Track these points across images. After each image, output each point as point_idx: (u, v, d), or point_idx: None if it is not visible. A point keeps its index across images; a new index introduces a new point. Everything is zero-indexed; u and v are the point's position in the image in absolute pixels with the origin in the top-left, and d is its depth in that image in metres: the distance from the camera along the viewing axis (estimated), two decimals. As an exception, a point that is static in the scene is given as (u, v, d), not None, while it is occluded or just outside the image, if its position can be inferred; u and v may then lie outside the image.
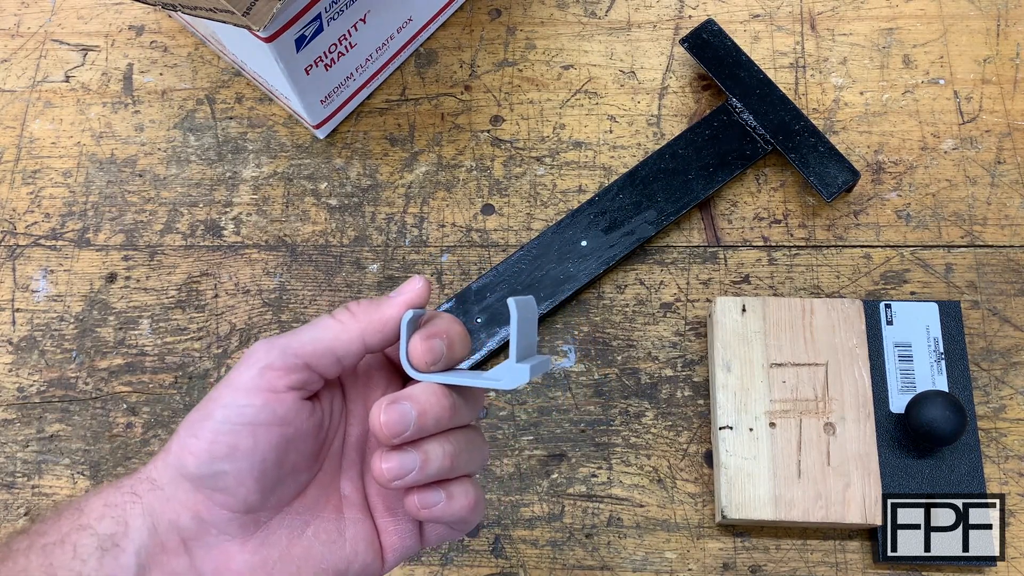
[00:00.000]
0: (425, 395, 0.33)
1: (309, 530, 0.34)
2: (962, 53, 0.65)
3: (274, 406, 0.32)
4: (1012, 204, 0.61)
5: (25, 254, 0.64)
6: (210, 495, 0.32)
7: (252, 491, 0.32)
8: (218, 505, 0.32)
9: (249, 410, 0.32)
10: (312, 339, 0.33)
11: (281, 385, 0.32)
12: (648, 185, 0.61)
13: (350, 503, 0.36)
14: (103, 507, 0.32)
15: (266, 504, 0.33)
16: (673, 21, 0.68)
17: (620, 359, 0.59)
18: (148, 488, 0.33)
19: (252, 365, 0.32)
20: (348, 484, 0.36)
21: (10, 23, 0.71)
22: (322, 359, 0.33)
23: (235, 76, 0.68)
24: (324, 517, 0.35)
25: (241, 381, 0.32)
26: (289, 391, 0.33)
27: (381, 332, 0.34)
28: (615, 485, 0.56)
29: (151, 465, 0.33)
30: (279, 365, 0.32)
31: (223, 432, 0.32)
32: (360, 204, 0.64)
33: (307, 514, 0.35)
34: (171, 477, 0.32)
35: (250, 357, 0.33)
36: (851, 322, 0.55)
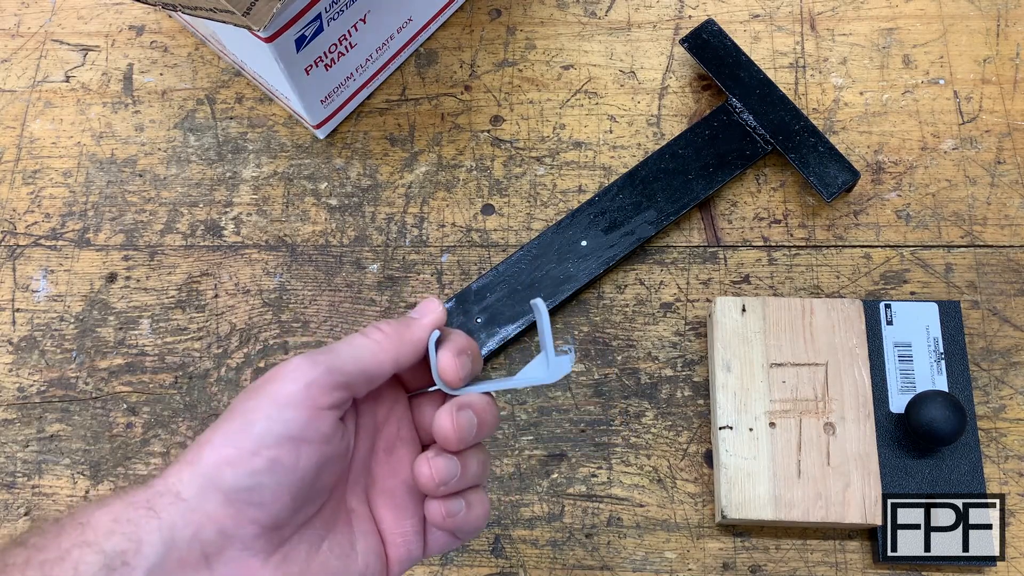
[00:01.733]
0: (482, 404, 0.35)
1: (325, 544, 0.34)
2: (962, 53, 0.65)
3: (318, 423, 0.32)
4: (1012, 204, 0.61)
5: (25, 254, 0.64)
6: (242, 509, 0.31)
7: (286, 507, 0.32)
8: (248, 520, 0.31)
9: (295, 424, 0.31)
10: (353, 358, 0.33)
11: (325, 402, 0.32)
12: (648, 185, 0.61)
13: (358, 516, 0.36)
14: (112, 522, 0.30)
15: (293, 520, 0.33)
16: (673, 21, 0.68)
17: (620, 359, 0.59)
18: (169, 501, 0.31)
19: (296, 379, 0.32)
20: (354, 498, 0.37)
21: (10, 23, 0.71)
22: (360, 380, 0.34)
23: (235, 76, 0.68)
24: (338, 531, 0.35)
25: (284, 394, 0.32)
26: (331, 409, 0.32)
27: (413, 353, 0.35)
28: (615, 485, 0.56)
29: (172, 477, 0.32)
30: (324, 382, 0.32)
31: (267, 445, 0.31)
32: (360, 204, 0.64)
33: (323, 529, 0.35)
34: (200, 488, 0.31)
35: (293, 372, 0.32)
36: (851, 322, 0.55)
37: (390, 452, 0.37)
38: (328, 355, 0.33)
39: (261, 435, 0.31)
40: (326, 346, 0.34)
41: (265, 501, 0.31)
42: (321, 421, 0.32)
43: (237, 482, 0.31)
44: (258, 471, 0.31)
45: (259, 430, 0.31)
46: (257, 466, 0.31)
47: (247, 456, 0.31)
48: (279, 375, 0.33)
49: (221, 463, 0.31)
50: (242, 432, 0.31)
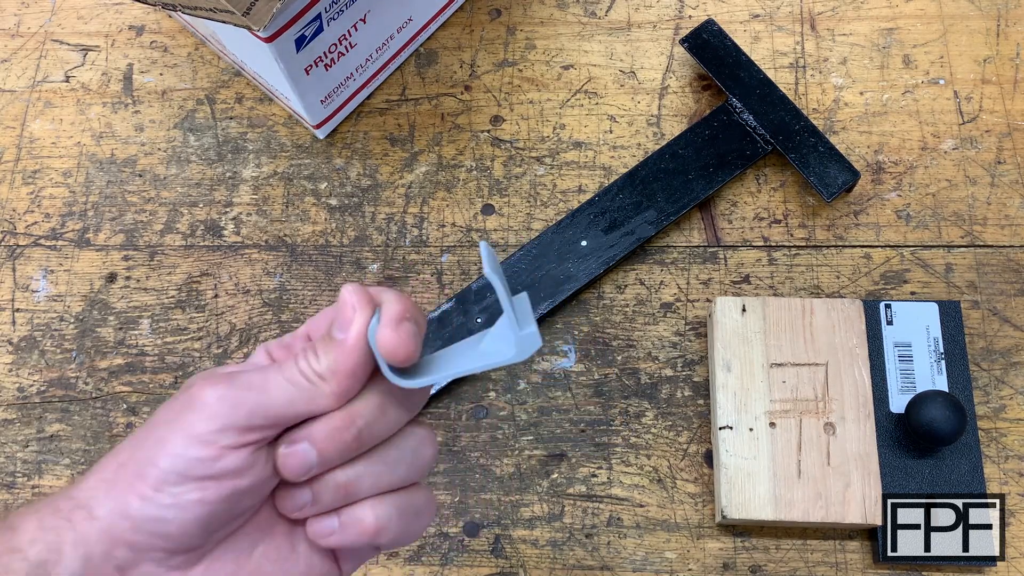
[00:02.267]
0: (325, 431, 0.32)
1: (257, 551, 0.33)
2: (962, 53, 0.65)
3: (226, 461, 0.31)
4: (1012, 204, 0.61)
5: (25, 254, 0.64)
6: (150, 538, 0.31)
7: (195, 536, 0.31)
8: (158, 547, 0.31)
9: (200, 465, 0.30)
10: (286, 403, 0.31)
11: (239, 442, 0.31)
12: (648, 185, 0.61)
13: None
14: (36, 529, 0.31)
15: (210, 541, 0.32)
16: (673, 21, 0.68)
17: (620, 359, 0.59)
18: (84, 517, 0.31)
19: (212, 418, 0.30)
20: None
21: (10, 23, 0.71)
22: (291, 422, 0.32)
23: (235, 76, 0.68)
24: (275, 534, 0.34)
25: (195, 431, 0.30)
26: (245, 447, 0.31)
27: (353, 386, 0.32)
28: (615, 485, 0.56)
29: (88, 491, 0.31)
30: (243, 426, 0.31)
31: (169, 482, 0.30)
32: (360, 204, 0.64)
33: (256, 534, 0.33)
34: (110, 511, 0.31)
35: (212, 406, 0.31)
36: (851, 322, 0.55)
37: None
38: (256, 394, 0.31)
39: (165, 472, 0.30)
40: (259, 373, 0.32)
41: (171, 533, 0.31)
42: (231, 458, 0.31)
43: (143, 514, 0.30)
44: (163, 506, 0.30)
45: (164, 466, 0.30)
46: (161, 501, 0.30)
47: (151, 492, 0.30)
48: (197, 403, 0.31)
49: (129, 492, 0.31)
50: (150, 464, 0.31)
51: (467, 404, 0.58)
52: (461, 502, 0.56)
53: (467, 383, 0.59)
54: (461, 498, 0.56)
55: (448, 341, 0.58)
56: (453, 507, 0.56)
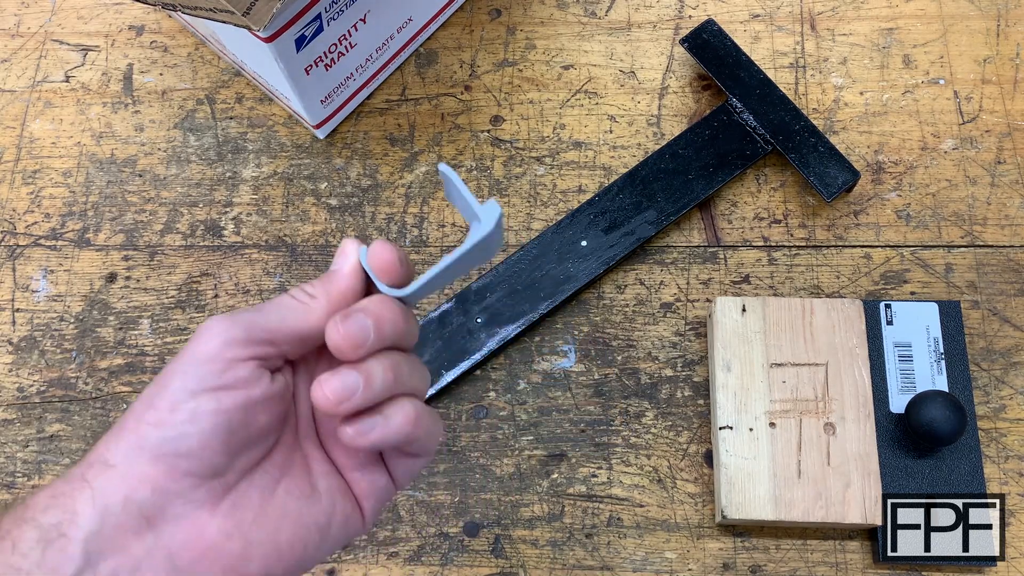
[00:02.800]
0: (377, 305, 0.33)
1: (281, 487, 0.33)
2: (962, 53, 0.65)
3: (236, 371, 0.31)
4: (1012, 204, 0.61)
5: (25, 254, 0.64)
6: (173, 462, 0.31)
7: (218, 452, 0.31)
8: (182, 472, 0.31)
9: (210, 377, 0.31)
10: (279, 319, 0.33)
11: (244, 354, 0.32)
12: (648, 185, 0.61)
13: (315, 460, 0.35)
14: (49, 498, 0.30)
15: (233, 466, 0.32)
16: (673, 21, 0.68)
17: (620, 359, 0.59)
18: (99, 471, 0.31)
19: (214, 336, 0.32)
20: (309, 444, 0.36)
21: (10, 23, 0.71)
22: (288, 340, 0.33)
23: (235, 76, 0.68)
24: (294, 474, 0.34)
25: (201, 352, 0.31)
26: (251, 360, 0.32)
27: (343, 307, 0.34)
28: (615, 485, 0.56)
29: (101, 447, 0.31)
30: (243, 339, 0.32)
31: (183, 399, 0.31)
32: (360, 204, 0.64)
33: (276, 472, 0.34)
34: (126, 453, 0.31)
35: (211, 329, 0.32)
36: (851, 322, 0.55)
37: None
38: (251, 313, 0.32)
39: (177, 391, 0.31)
40: (254, 305, 0.34)
41: (193, 450, 0.31)
42: (239, 368, 0.31)
43: (160, 437, 0.30)
44: (179, 422, 0.31)
45: (176, 387, 0.31)
46: (178, 419, 0.31)
47: (166, 413, 0.31)
48: (197, 335, 0.32)
49: (143, 425, 0.31)
50: (160, 393, 0.31)
51: (467, 404, 0.58)
52: (461, 502, 0.56)
53: (467, 383, 0.59)
54: (461, 498, 0.56)
55: (448, 341, 0.58)
56: (453, 507, 0.56)
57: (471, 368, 0.58)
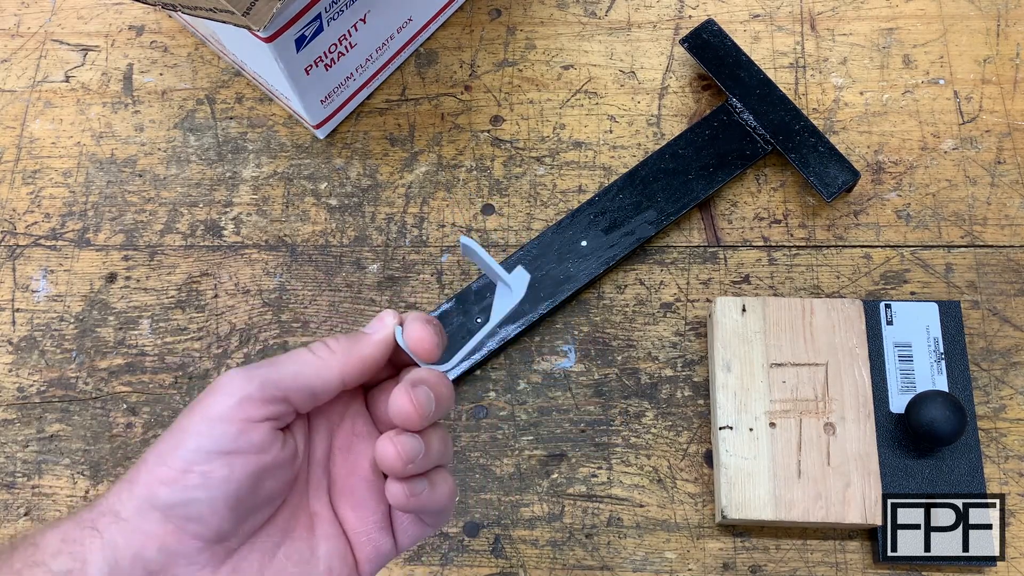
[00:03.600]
0: (435, 379, 0.34)
1: (280, 552, 0.34)
2: (962, 53, 0.65)
3: (250, 435, 0.32)
4: (1012, 204, 0.61)
5: (25, 254, 0.64)
6: (181, 524, 0.31)
7: (225, 520, 0.32)
8: (189, 535, 0.31)
9: (225, 439, 0.31)
10: (293, 373, 0.33)
11: (258, 415, 0.32)
12: (648, 185, 0.61)
13: (321, 519, 0.36)
14: (60, 543, 0.31)
15: (238, 531, 0.33)
16: (673, 21, 0.68)
17: (620, 359, 0.59)
18: (110, 521, 0.31)
19: (230, 394, 0.32)
20: (317, 502, 0.36)
21: (10, 23, 0.71)
22: (300, 394, 0.33)
23: (235, 76, 0.68)
24: (295, 537, 0.35)
25: (216, 410, 0.32)
26: (265, 421, 0.32)
27: (360, 369, 0.35)
28: (615, 485, 0.56)
29: (112, 497, 0.32)
30: (258, 396, 0.32)
31: (196, 461, 0.31)
32: (360, 204, 0.64)
33: (278, 536, 0.34)
34: (137, 508, 0.31)
35: (227, 386, 0.32)
36: (851, 322, 0.55)
37: (347, 450, 0.37)
38: (267, 368, 0.33)
39: (192, 451, 0.31)
40: (269, 359, 0.34)
41: (203, 515, 0.31)
42: (253, 433, 0.32)
43: (172, 499, 0.31)
44: (191, 487, 0.31)
45: (189, 446, 0.31)
46: (189, 482, 0.31)
47: (178, 474, 0.31)
48: (213, 389, 0.32)
49: (154, 482, 0.31)
50: (174, 450, 0.31)
51: (467, 404, 0.58)
52: (461, 502, 0.56)
53: (467, 383, 0.59)
54: (461, 498, 0.56)
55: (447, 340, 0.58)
56: (453, 507, 0.56)
57: (471, 368, 0.58)
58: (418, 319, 0.35)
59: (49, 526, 0.32)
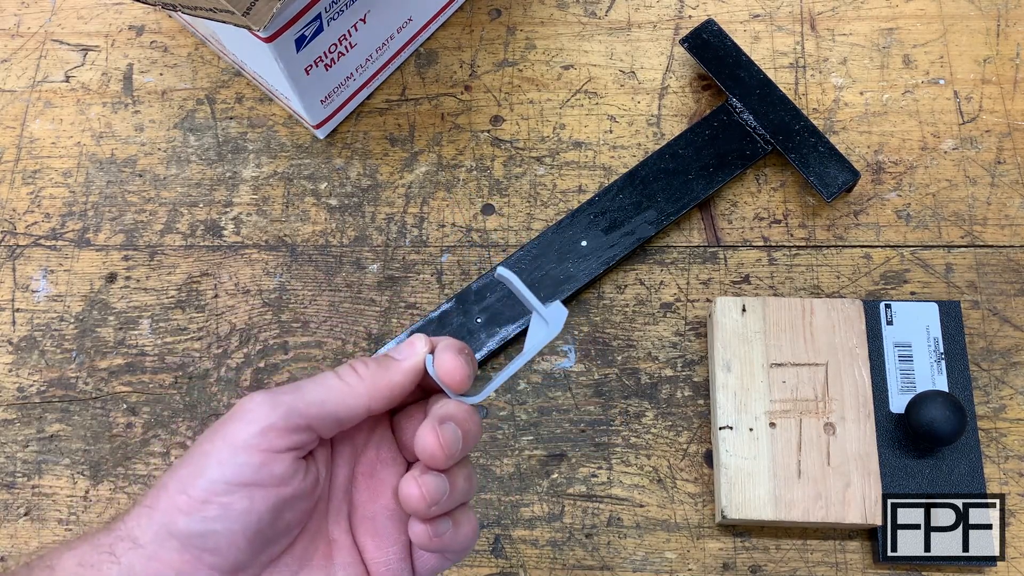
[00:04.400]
0: (464, 415, 0.33)
1: None
2: (962, 53, 0.65)
3: (272, 467, 0.31)
4: (1012, 204, 0.61)
5: (25, 254, 0.64)
6: (198, 555, 0.31)
7: (243, 551, 0.31)
8: (206, 565, 0.31)
9: (247, 470, 0.31)
10: (319, 401, 0.32)
11: (281, 446, 0.31)
12: (648, 185, 0.61)
13: (339, 547, 0.35)
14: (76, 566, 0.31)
15: (255, 562, 0.32)
16: (673, 21, 0.68)
17: (620, 359, 0.59)
18: (128, 547, 0.31)
19: (253, 422, 0.31)
20: (336, 528, 0.35)
21: (10, 23, 0.71)
22: (325, 421, 0.33)
23: (235, 76, 0.68)
24: (313, 566, 0.34)
25: (240, 438, 0.31)
26: (288, 451, 0.32)
27: (388, 397, 0.34)
28: (615, 485, 0.56)
29: (131, 521, 0.32)
30: (282, 426, 0.31)
31: (217, 491, 0.31)
32: (360, 204, 0.64)
33: (295, 564, 0.34)
34: (155, 534, 0.31)
35: (250, 412, 0.31)
36: (851, 322, 0.55)
37: (370, 476, 0.36)
38: (292, 395, 0.32)
39: (212, 481, 0.31)
40: (295, 383, 0.33)
41: (220, 547, 0.31)
42: (276, 464, 0.31)
43: (190, 529, 0.31)
44: (210, 518, 0.30)
45: (211, 476, 0.31)
46: (209, 513, 0.30)
47: (198, 504, 0.31)
48: (237, 415, 0.32)
49: (174, 510, 0.31)
50: (195, 478, 0.31)
51: (467, 404, 0.58)
52: (461, 502, 0.56)
53: (467, 383, 0.59)
54: (461, 498, 0.56)
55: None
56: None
57: (471, 368, 0.58)
58: (450, 348, 0.34)
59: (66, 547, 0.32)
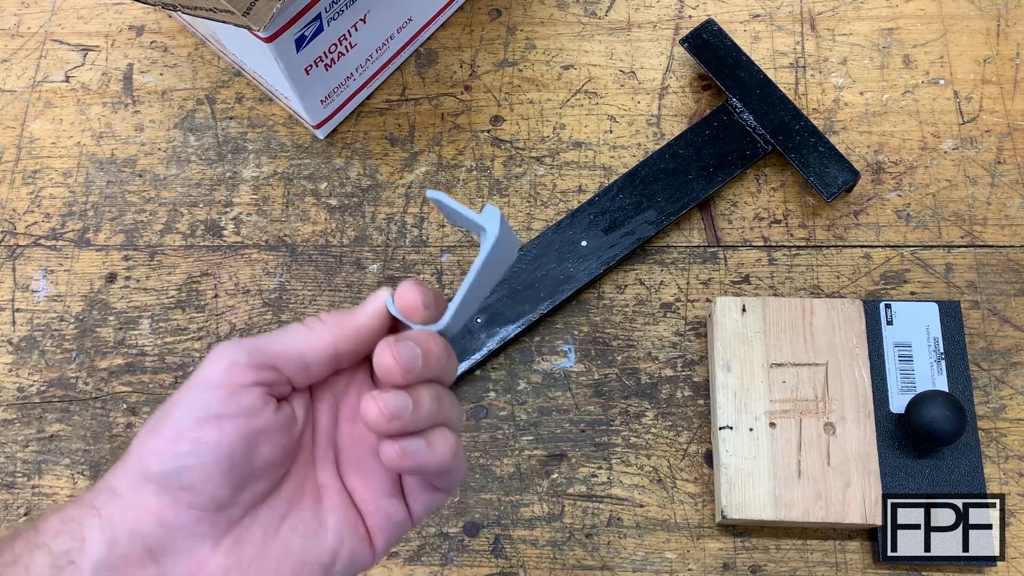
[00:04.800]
0: (424, 337, 0.34)
1: (286, 524, 0.33)
2: (962, 53, 0.65)
3: (239, 397, 0.32)
4: (1012, 204, 0.61)
5: (25, 254, 0.64)
6: (176, 495, 0.31)
7: (220, 486, 0.31)
8: (185, 505, 0.31)
9: (213, 403, 0.31)
10: (282, 344, 0.33)
11: (246, 380, 0.32)
12: (648, 185, 0.61)
13: (329, 491, 0.35)
14: (59, 523, 0.31)
15: (237, 500, 0.32)
16: (673, 21, 0.68)
17: (620, 359, 0.59)
18: (108, 498, 0.31)
19: (217, 362, 0.32)
20: (325, 474, 0.35)
21: (10, 23, 0.71)
22: (291, 363, 0.33)
23: (235, 76, 0.68)
24: (302, 508, 0.34)
25: (204, 377, 0.32)
26: (255, 386, 0.32)
27: (353, 340, 0.34)
28: (615, 485, 0.56)
29: (109, 475, 0.32)
30: (245, 362, 0.32)
31: (186, 427, 0.31)
32: (360, 204, 0.64)
33: (283, 507, 0.34)
34: (132, 482, 0.31)
35: (214, 356, 0.32)
36: (851, 322, 0.55)
37: (353, 421, 0.36)
38: (256, 339, 0.33)
39: (180, 419, 0.31)
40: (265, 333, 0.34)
41: (196, 483, 0.31)
42: (243, 396, 0.32)
43: (163, 468, 0.31)
44: (181, 454, 0.31)
45: (178, 415, 0.31)
46: (180, 449, 0.31)
47: (169, 443, 0.31)
48: (205, 362, 0.32)
49: (146, 453, 0.31)
50: (164, 420, 0.31)
51: (467, 404, 0.58)
52: (461, 502, 0.56)
53: (467, 383, 0.59)
54: (461, 498, 0.56)
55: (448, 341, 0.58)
56: (453, 507, 0.56)
57: (471, 368, 0.58)
58: (408, 283, 0.35)
59: (51, 510, 0.32)
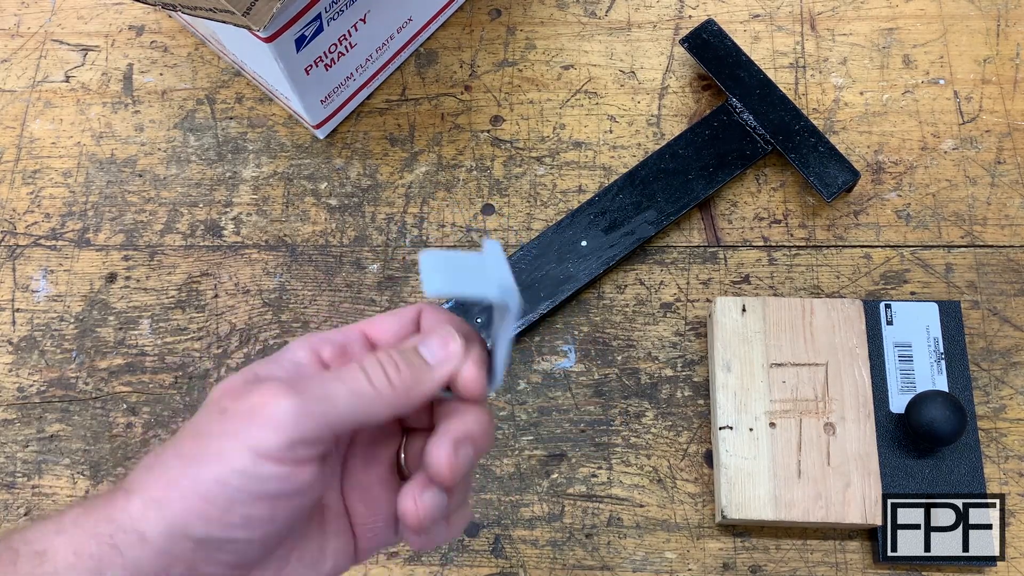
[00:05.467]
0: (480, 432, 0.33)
1: (294, 556, 0.33)
2: (962, 53, 0.65)
3: (297, 478, 0.30)
4: (1012, 204, 0.61)
5: (25, 254, 0.64)
6: (213, 554, 0.30)
7: (257, 553, 0.31)
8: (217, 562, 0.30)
9: (272, 482, 0.30)
10: (351, 409, 0.31)
11: (308, 456, 0.30)
12: (648, 185, 0.61)
13: (333, 514, 0.35)
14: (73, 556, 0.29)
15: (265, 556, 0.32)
16: (673, 21, 0.68)
17: (620, 359, 0.59)
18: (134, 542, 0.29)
19: (280, 430, 0.29)
20: (331, 493, 0.35)
21: (10, 23, 0.71)
22: (348, 427, 0.32)
23: (235, 76, 0.68)
24: (309, 538, 0.34)
25: (266, 447, 0.29)
26: (313, 462, 0.31)
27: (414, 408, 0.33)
28: (615, 485, 0.56)
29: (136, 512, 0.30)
30: (312, 438, 0.30)
31: (240, 501, 0.29)
32: (360, 204, 0.64)
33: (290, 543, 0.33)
34: (167, 533, 0.29)
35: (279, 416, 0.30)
36: (851, 322, 0.55)
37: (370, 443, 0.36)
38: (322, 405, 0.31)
39: (236, 491, 0.29)
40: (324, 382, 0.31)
41: (239, 550, 0.30)
42: (300, 475, 0.30)
43: (209, 535, 0.30)
44: (231, 526, 0.30)
45: (234, 484, 0.29)
46: (230, 521, 0.30)
47: (219, 512, 0.30)
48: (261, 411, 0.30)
49: (190, 513, 0.30)
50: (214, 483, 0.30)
51: (467, 404, 0.58)
52: (461, 502, 0.56)
53: (467, 383, 0.59)
54: (461, 498, 0.56)
55: None
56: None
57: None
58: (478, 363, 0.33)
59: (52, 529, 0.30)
